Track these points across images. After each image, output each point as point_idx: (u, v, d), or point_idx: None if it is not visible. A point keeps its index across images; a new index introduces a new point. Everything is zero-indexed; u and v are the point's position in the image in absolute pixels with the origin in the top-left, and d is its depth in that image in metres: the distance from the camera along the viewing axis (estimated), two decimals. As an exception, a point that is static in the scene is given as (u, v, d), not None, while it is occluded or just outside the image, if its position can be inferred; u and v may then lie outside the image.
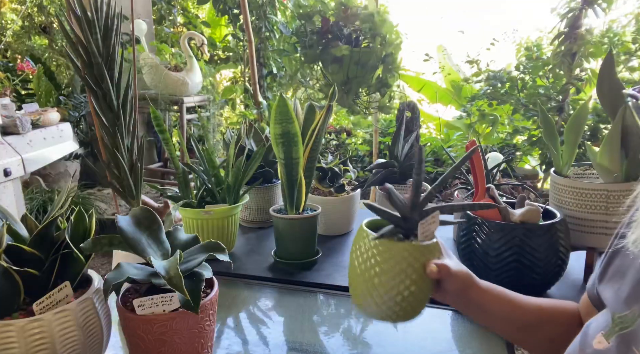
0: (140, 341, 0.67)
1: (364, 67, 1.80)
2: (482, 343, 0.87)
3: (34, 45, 4.03)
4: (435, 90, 3.69)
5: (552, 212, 1.01)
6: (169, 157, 3.59)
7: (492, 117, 2.81)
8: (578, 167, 1.13)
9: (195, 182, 1.27)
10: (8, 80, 3.00)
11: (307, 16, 1.84)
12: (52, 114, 2.37)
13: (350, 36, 1.78)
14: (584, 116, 1.10)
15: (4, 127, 1.98)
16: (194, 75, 3.25)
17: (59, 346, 0.63)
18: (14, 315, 0.64)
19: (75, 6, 0.73)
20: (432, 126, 4.02)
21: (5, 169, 1.82)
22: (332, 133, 4.04)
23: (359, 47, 1.78)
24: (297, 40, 1.91)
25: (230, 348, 0.86)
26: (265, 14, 3.16)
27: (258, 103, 2.88)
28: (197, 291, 0.66)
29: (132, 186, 0.83)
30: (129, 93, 0.81)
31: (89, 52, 0.75)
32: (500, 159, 1.71)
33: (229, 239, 1.22)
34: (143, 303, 0.66)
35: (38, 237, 0.67)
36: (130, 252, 0.70)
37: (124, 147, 0.81)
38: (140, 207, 0.75)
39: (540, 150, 2.65)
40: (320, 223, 1.23)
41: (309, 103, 1.19)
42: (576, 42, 2.29)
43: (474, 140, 1.01)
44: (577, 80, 2.40)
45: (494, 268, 0.96)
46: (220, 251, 0.73)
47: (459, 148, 3.30)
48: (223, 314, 0.97)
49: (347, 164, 1.44)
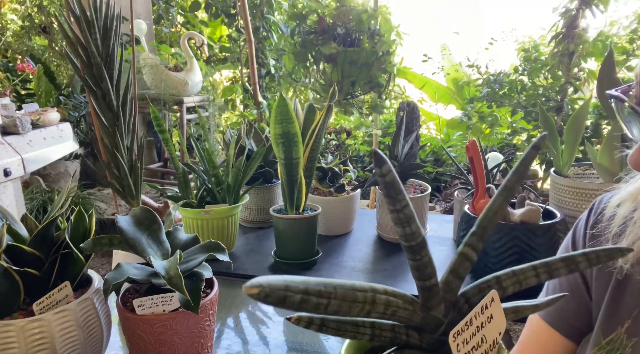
0: (140, 341, 0.67)
1: (356, 66, 1.79)
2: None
3: (34, 45, 4.03)
4: (435, 90, 3.70)
5: (552, 212, 1.01)
6: (169, 157, 3.59)
7: (490, 119, 2.82)
8: (578, 167, 1.13)
9: (195, 182, 1.27)
10: (8, 80, 3.00)
11: (301, 16, 1.84)
12: (52, 114, 2.36)
13: (345, 36, 1.77)
14: (584, 116, 1.10)
15: (4, 127, 1.98)
16: (194, 75, 3.24)
17: (59, 346, 0.63)
18: (14, 315, 0.64)
19: (75, 6, 0.73)
20: (433, 125, 4.02)
21: (5, 169, 1.82)
22: (332, 133, 4.04)
23: (353, 47, 1.78)
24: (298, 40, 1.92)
25: (230, 348, 0.86)
26: (263, 14, 3.15)
27: (258, 103, 2.88)
28: (197, 291, 0.65)
29: (132, 186, 0.83)
30: (128, 93, 0.81)
31: (88, 53, 0.75)
32: (500, 159, 1.71)
33: (229, 239, 1.22)
34: (143, 303, 0.66)
35: (38, 237, 0.67)
36: (130, 252, 0.70)
37: (123, 147, 0.81)
38: (140, 207, 0.75)
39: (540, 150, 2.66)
40: (320, 223, 1.23)
41: (309, 103, 1.19)
42: (574, 41, 2.29)
43: (474, 140, 1.01)
44: (575, 80, 2.40)
45: (494, 268, 0.96)
46: (220, 251, 0.73)
47: (459, 148, 3.30)
48: (223, 314, 0.97)
49: (347, 164, 1.44)
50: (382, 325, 0.31)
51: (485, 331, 0.29)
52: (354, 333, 0.30)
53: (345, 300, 0.27)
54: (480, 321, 0.29)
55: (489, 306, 0.29)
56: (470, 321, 0.29)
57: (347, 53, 1.77)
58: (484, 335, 0.29)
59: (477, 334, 0.29)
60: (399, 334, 0.31)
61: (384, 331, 0.30)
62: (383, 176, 0.28)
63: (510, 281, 0.32)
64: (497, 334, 0.29)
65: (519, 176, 0.32)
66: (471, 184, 1.32)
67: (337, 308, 0.26)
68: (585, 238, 0.58)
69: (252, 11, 3.13)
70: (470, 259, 0.33)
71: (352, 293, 0.27)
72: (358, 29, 1.75)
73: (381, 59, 1.77)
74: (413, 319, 0.30)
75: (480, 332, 0.29)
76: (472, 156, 1.00)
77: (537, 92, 2.59)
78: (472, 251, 0.33)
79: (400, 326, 0.31)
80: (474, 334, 0.29)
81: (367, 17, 1.72)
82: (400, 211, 0.29)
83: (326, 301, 0.26)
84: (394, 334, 0.31)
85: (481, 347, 0.28)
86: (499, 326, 0.29)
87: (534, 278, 0.32)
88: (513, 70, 2.77)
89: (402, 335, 0.31)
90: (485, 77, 2.82)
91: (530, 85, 2.68)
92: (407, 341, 0.31)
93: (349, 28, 1.77)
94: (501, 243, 0.94)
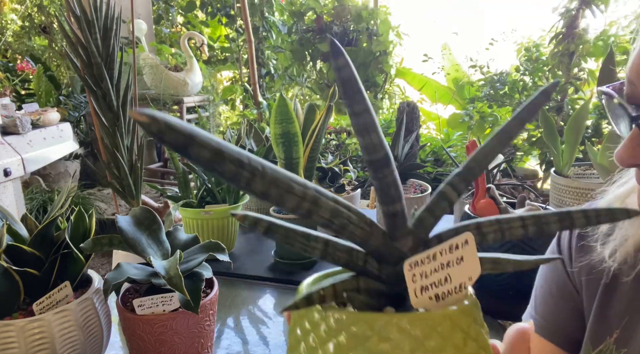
0: (140, 341, 0.67)
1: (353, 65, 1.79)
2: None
3: (34, 45, 4.03)
4: (435, 90, 3.70)
5: (552, 212, 1.01)
6: (169, 157, 3.59)
7: (491, 119, 2.82)
8: (578, 167, 1.13)
9: (195, 182, 1.27)
10: (8, 80, 3.00)
11: (299, 14, 1.84)
12: (52, 114, 2.36)
13: (343, 34, 1.78)
14: (584, 116, 1.10)
15: (4, 127, 1.98)
16: (194, 75, 3.25)
17: (59, 346, 0.63)
18: (14, 315, 0.64)
19: (75, 6, 0.73)
20: (433, 125, 4.02)
21: (5, 169, 1.82)
22: (332, 133, 4.04)
23: (350, 46, 1.78)
24: (295, 39, 1.92)
25: (230, 348, 0.86)
26: (263, 14, 3.16)
27: (258, 103, 2.88)
28: (197, 291, 0.65)
29: (132, 186, 0.83)
30: (128, 93, 0.81)
31: (88, 52, 0.75)
32: (500, 159, 1.71)
33: (229, 239, 1.22)
34: (143, 303, 0.66)
35: (38, 237, 0.67)
36: (130, 252, 0.70)
37: (123, 147, 0.80)
38: (140, 207, 0.75)
39: (540, 150, 2.66)
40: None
41: (309, 103, 1.19)
42: (574, 41, 2.29)
43: (474, 140, 1.01)
44: (575, 80, 2.40)
45: (494, 268, 0.96)
46: (220, 251, 0.73)
47: (459, 148, 3.30)
48: (223, 314, 0.97)
49: (347, 164, 1.44)
50: (338, 245, 0.27)
51: (452, 271, 0.26)
52: (303, 245, 0.27)
53: (276, 185, 0.23)
54: (447, 259, 0.26)
55: (461, 247, 0.26)
56: (434, 256, 0.26)
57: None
58: (449, 274, 0.26)
59: (441, 271, 0.26)
60: (356, 258, 0.28)
61: (338, 250, 0.27)
62: (339, 69, 0.24)
63: (491, 228, 0.28)
64: (467, 279, 0.27)
65: (521, 121, 0.27)
66: (471, 184, 1.32)
67: (263, 189, 0.23)
68: (571, 240, 0.56)
69: (252, 11, 3.14)
70: (449, 199, 0.29)
71: (286, 181, 0.24)
72: (356, 29, 1.76)
73: (378, 58, 1.77)
74: (371, 242, 0.27)
75: (444, 270, 0.26)
76: (472, 156, 0.99)
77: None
78: (452, 191, 0.28)
79: (359, 250, 0.28)
80: (437, 270, 0.26)
81: (367, 14, 1.72)
82: (359, 114, 0.25)
83: (248, 174, 0.22)
84: (349, 257, 0.28)
85: (443, 286, 0.26)
86: (471, 271, 0.26)
87: (520, 229, 0.28)
88: (514, 70, 2.77)
89: (359, 260, 0.28)
90: (488, 77, 2.82)
91: (531, 85, 2.68)
92: (364, 268, 0.28)
93: (346, 27, 1.77)
94: (501, 243, 0.94)
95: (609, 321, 0.49)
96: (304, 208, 0.25)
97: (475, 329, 0.27)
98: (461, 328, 0.26)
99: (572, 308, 0.55)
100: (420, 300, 0.27)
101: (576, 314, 0.55)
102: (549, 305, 0.57)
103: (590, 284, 0.52)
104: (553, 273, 0.57)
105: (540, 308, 0.58)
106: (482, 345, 0.27)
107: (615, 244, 0.47)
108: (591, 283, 0.52)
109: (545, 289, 0.58)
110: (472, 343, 0.26)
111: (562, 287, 0.56)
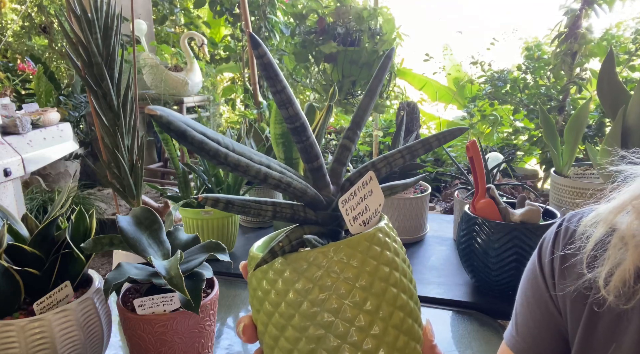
0: (140, 341, 0.67)
1: (356, 66, 1.79)
2: (482, 343, 0.87)
3: (34, 45, 4.03)
4: (436, 89, 3.70)
5: (552, 212, 1.01)
6: (169, 157, 3.59)
7: (492, 118, 2.82)
8: (578, 167, 1.13)
9: (195, 182, 1.27)
10: (8, 80, 3.00)
11: (301, 16, 1.84)
12: (52, 114, 2.36)
13: (346, 35, 1.77)
14: (584, 116, 1.10)
15: (4, 127, 1.98)
16: (194, 75, 3.25)
17: (59, 346, 0.63)
18: (15, 315, 0.64)
19: (75, 6, 0.73)
20: (433, 125, 4.02)
21: (5, 169, 1.82)
22: (332, 133, 4.04)
23: (353, 46, 1.77)
24: (298, 41, 1.92)
25: (230, 348, 0.86)
26: (265, 14, 3.16)
27: (258, 103, 2.88)
28: (197, 291, 0.66)
29: (132, 186, 0.83)
30: (129, 93, 0.81)
31: (89, 52, 0.75)
32: (501, 159, 1.71)
33: (229, 239, 1.22)
34: (143, 302, 0.66)
35: (38, 237, 0.67)
36: (130, 252, 0.70)
37: (124, 147, 0.81)
38: (141, 207, 0.75)
39: (540, 150, 2.66)
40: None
41: (309, 103, 1.19)
42: (577, 41, 2.29)
43: (474, 140, 1.01)
44: (578, 80, 2.40)
45: (494, 268, 0.96)
46: (221, 251, 0.73)
47: (459, 148, 3.30)
48: (223, 314, 0.97)
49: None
50: (282, 203, 0.35)
51: (368, 201, 0.36)
52: (257, 210, 0.33)
53: (244, 155, 0.31)
54: (363, 193, 0.36)
55: (368, 182, 0.36)
56: (354, 192, 0.35)
57: (347, 52, 1.76)
58: (367, 205, 0.36)
59: (361, 203, 0.36)
60: (298, 211, 0.35)
61: (284, 208, 0.35)
62: (260, 57, 0.30)
63: (382, 164, 0.39)
64: (378, 205, 0.37)
65: (379, 80, 0.38)
66: (471, 184, 1.32)
67: (235, 162, 0.30)
68: (553, 261, 0.52)
69: (255, 11, 3.14)
70: (349, 148, 0.38)
71: (248, 153, 0.32)
72: (358, 29, 1.75)
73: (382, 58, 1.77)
74: (307, 193, 0.35)
75: (363, 202, 0.36)
76: (472, 156, 1.00)
77: (539, 91, 2.59)
78: (349, 142, 0.38)
79: (298, 204, 0.36)
80: (359, 203, 0.35)
81: (368, 14, 1.72)
82: (281, 91, 0.32)
83: (225, 151, 0.30)
84: (293, 211, 0.35)
85: (365, 214, 0.36)
86: (378, 199, 0.37)
87: (400, 159, 0.39)
88: (516, 68, 2.77)
89: (300, 212, 0.35)
90: (489, 74, 2.82)
91: (532, 84, 2.68)
92: (305, 217, 0.36)
93: (349, 27, 1.77)
94: (501, 243, 0.94)
95: (595, 348, 0.46)
96: (262, 173, 0.32)
97: (387, 242, 0.35)
98: (377, 243, 0.34)
99: (554, 333, 0.52)
100: (355, 227, 0.35)
101: (558, 338, 0.52)
102: (530, 328, 0.53)
103: (575, 312, 0.48)
104: (535, 294, 0.54)
105: (520, 329, 0.54)
106: (396, 252, 0.35)
107: (608, 269, 0.43)
108: (576, 311, 0.48)
109: (526, 309, 0.54)
110: (386, 252, 0.34)
111: (544, 309, 0.52)
